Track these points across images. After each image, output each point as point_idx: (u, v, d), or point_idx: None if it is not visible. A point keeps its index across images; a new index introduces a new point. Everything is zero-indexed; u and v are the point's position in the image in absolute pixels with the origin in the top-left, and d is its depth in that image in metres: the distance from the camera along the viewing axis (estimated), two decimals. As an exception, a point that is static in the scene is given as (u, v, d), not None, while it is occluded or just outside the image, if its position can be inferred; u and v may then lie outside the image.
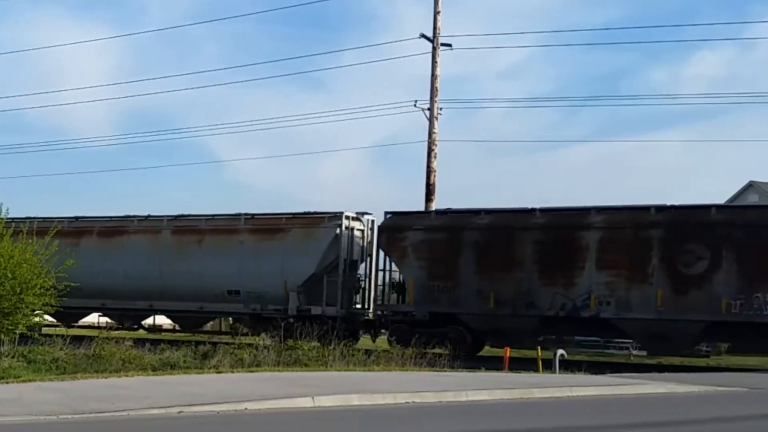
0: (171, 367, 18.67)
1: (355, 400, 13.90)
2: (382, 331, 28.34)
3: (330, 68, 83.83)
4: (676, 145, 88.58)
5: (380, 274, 28.68)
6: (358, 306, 29.15)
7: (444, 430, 11.93)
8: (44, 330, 24.55)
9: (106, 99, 71.57)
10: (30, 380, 15.35)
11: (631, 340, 28.65)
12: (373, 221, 29.32)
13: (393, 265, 28.26)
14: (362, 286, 29.23)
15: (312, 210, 29.33)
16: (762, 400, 17.08)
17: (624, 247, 24.37)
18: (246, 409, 12.69)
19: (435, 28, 33.08)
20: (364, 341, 28.69)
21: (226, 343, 22.21)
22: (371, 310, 29.05)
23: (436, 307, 26.45)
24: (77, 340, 21.11)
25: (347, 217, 28.56)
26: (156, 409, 12.21)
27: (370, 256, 29.12)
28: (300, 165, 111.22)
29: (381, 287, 29.02)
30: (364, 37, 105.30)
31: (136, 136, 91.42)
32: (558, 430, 12.48)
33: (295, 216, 29.39)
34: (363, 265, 29.36)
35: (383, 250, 28.34)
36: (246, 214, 30.00)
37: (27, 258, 21.53)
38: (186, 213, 31.31)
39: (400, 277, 28.15)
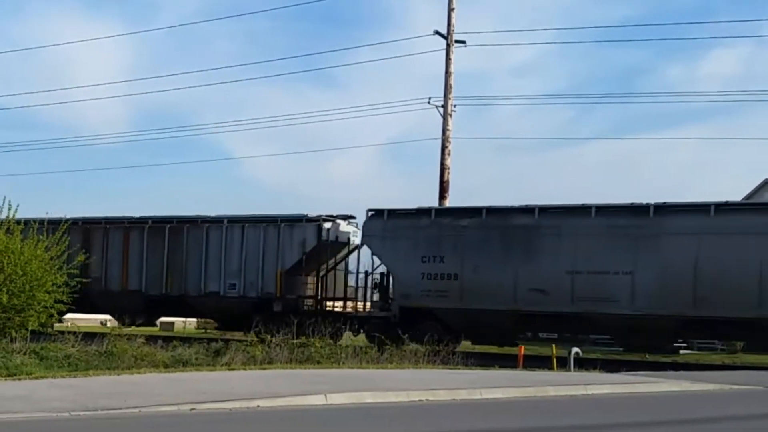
0: (183, 364, 18.64)
1: (367, 397, 13.82)
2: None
3: (344, 65, 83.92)
4: (691, 142, 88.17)
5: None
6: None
7: (458, 429, 11.83)
8: (56, 326, 24.56)
9: (119, 96, 72.06)
10: (42, 377, 15.35)
11: None
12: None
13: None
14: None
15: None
16: (779, 398, 16.91)
17: None
18: (258, 406, 12.62)
19: (449, 24, 32.97)
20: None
21: (239, 340, 22.17)
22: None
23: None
24: (89, 336, 21.09)
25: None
26: (168, 406, 12.15)
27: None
28: (313, 162, 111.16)
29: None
30: (378, 34, 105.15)
31: (149, 134, 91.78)
32: (573, 428, 12.37)
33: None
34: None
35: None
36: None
37: (38, 254, 21.54)
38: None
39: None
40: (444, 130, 32.57)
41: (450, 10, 33.00)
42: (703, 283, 23.12)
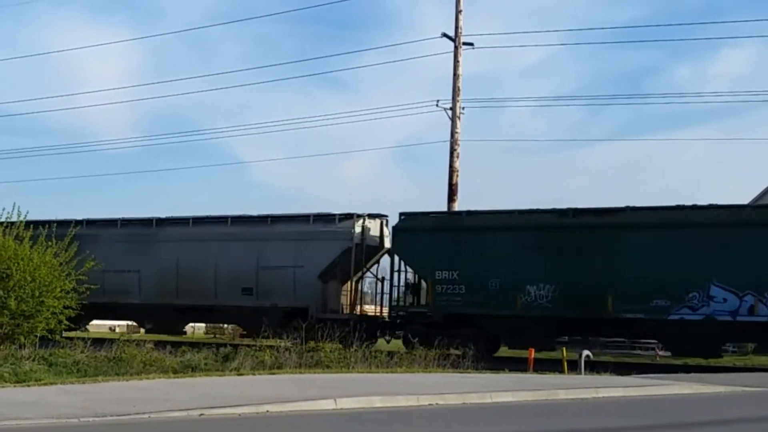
0: (192, 369, 18.61)
1: (377, 402, 13.77)
2: None
3: (352, 68, 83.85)
4: (701, 143, 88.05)
5: None
6: None
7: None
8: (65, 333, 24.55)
9: (128, 101, 72.07)
10: (51, 383, 15.31)
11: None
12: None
13: None
14: None
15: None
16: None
17: None
18: (267, 411, 12.58)
19: (457, 27, 32.95)
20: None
21: (248, 345, 22.15)
22: None
23: None
24: (98, 342, 21.09)
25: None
26: (177, 411, 12.12)
27: None
28: (322, 165, 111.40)
29: None
30: (386, 36, 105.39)
31: (158, 138, 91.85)
32: (584, 431, 12.31)
33: None
34: None
35: None
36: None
37: (46, 260, 21.53)
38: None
39: None
40: (452, 133, 32.53)
41: (458, 12, 32.97)
42: (182, 279, 30.70)
